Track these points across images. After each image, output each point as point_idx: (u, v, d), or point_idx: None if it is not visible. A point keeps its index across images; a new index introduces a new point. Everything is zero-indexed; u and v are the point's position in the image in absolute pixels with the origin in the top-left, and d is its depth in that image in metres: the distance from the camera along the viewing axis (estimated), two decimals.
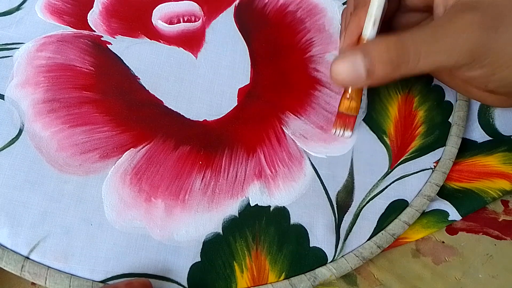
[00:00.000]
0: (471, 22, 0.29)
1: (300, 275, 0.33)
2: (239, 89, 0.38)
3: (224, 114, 0.37)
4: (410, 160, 0.38)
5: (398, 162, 0.38)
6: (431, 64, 0.30)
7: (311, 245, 0.34)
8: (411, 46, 0.30)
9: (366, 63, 0.30)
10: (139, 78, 0.36)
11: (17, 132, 0.32)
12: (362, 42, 0.33)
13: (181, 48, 0.38)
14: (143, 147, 0.34)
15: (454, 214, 0.37)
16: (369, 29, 0.33)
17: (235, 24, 0.41)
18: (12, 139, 0.32)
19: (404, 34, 0.30)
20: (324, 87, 0.40)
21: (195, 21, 0.40)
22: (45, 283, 0.29)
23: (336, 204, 0.36)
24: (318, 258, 0.34)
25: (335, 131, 0.37)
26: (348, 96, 0.35)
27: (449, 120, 0.41)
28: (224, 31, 0.40)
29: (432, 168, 0.39)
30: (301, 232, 0.34)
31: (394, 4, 0.37)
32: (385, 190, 0.37)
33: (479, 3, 0.30)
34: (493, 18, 0.29)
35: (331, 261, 0.34)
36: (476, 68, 0.30)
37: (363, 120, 0.39)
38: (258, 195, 0.34)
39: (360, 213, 0.36)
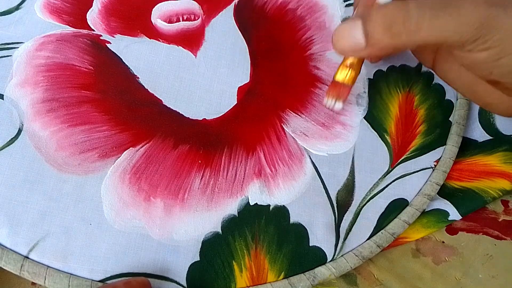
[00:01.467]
0: None
1: (299, 275, 0.33)
2: (239, 87, 0.38)
3: (223, 113, 0.37)
4: (410, 159, 0.38)
5: (399, 161, 0.38)
6: (435, 34, 0.28)
7: (310, 244, 0.34)
8: (414, 12, 0.28)
9: (365, 29, 0.29)
10: (138, 77, 0.36)
11: (16, 131, 0.32)
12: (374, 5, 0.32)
13: (181, 47, 0.38)
14: (142, 146, 0.34)
15: (454, 214, 0.37)
16: None
17: (234, 22, 0.41)
18: (11, 138, 0.32)
19: (409, 1, 0.29)
20: (325, 85, 0.40)
21: (194, 19, 0.40)
22: (45, 283, 0.29)
23: (336, 203, 0.36)
24: (318, 258, 0.34)
25: (327, 101, 0.35)
26: (347, 64, 0.34)
27: (450, 119, 0.41)
28: (224, 30, 0.40)
29: (432, 167, 0.39)
30: (300, 231, 0.34)
31: None
32: (386, 189, 0.37)
33: None
34: None
35: (330, 261, 0.34)
36: (481, 47, 0.28)
37: (364, 117, 0.39)
38: (257, 194, 0.34)
39: (360, 212, 0.36)
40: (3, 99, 0.33)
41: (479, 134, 0.42)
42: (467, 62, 0.31)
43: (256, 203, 0.34)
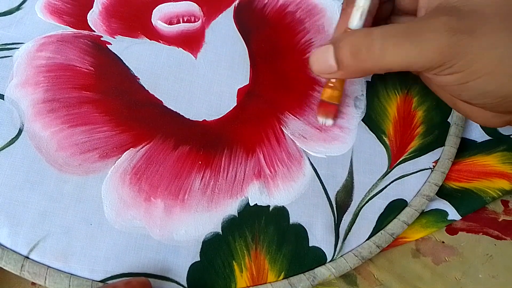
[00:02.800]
0: (444, 24, 0.28)
1: (299, 275, 0.33)
2: (239, 89, 0.38)
3: (223, 114, 0.37)
4: (409, 160, 0.39)
5: (397, 162, 0.38)
6: (399, 61, 0.29)
7: (310, 245, 0.34)
8: (378, 41, 0.29)
9: (336, 55, 0.31)
10: (138, 78, 0.36)
11: (17, 132, 0.32)
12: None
13: (181, 49, 0.38)
14: (143, 147, 0.34)
15: (453, 214, 0.37)
16: (355, 20, 0.33)
17: (234, 24, 0.41)
18: (12, 139, 0.32)
19: (375, 29, 0.30)
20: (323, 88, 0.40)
21: (194, 21, 0.40)
22: (45, 283, 0.29)
23: (336, 204, 0.36)
24: (317, 258, 0.34)
25: (318, 119, 0.38)
26: (331, 84, 0.36)
27: (448, 120, 0.41)
28: (224, 32, 0.40)
29: (431, 168, 0.39)
30: (300, 232, 0.34)
31: (389, 6, 0.37)
32: (384, 190, 0.37)
33: (462, 7, 0.29)
34: (472, 24, 0.28)
35: (330, 261, 0.34)
36: (446, 72, 0.29)
37: (362, 120, 0.39)
38: (257, 195, 0.34)
39: (360, 213, 0.36)
40: (3, 99, 0.33)
41: (478, 134, 0.42)
42: (437, 83, 0.32)
43: (256, 203, 0.34)
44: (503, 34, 0.28)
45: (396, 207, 0.37)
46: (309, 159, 0.36)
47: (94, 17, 0.38)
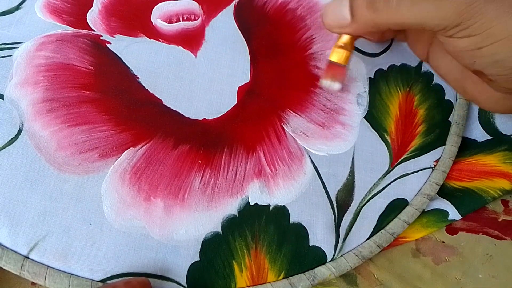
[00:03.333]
0: None
1: (299, 274, 0.33)
2: (239, 87, 0.38)
3: (223, 113, 0.37)
4: (410, 159, 0.38)
5: (399, 161, 0.38)
6: (415, 16, 0.29)
7: (310, 244, 0.34)
8: None
9: (351, 4, 0.31)
10: (138, 77, 0.36)
11: (17, 131, 0.32)
12: None
13: (181, 47, 0.38)
14: (142, 146, 0.34)
15: (454, 214, 0.37)
16: None
17: (234, 22, 0.41)
18: (12, 138, 0.32)
19: None
20: None
21: (194, 19, 0.40)
22: (45, 283, 0.29)
23: (336, 203, 0.36)
24: (318, 257, 0.34)
25: (323, 82, 0.36)
26: (342, 44, 0.35)
27: (449, 119, 0.41)
28: (224, 30, 0.40)
29: (432, 167, 0.39)
30: (300, 231, 0.34)
31: None
32: (385, 189, 0.37)
33: None
34: None
35: (330, 260, 0.34)
36: (462, 34, 0.29)
37: (364, 117, 0.39)
38: (257, 194, 0.34)
39: (360, 212, 0.36)
40: (3, 99, 0.33)
41: (479, 134, 0.42)
42: (451, 49, 0.31)
43: (256, 203, 0.34)
44: None
45: (397, 206, 0.37)
46: (310, 158, 0.36)
47: (93, 16, 0.37)
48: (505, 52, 0.28)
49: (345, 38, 0.35)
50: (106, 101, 0.34)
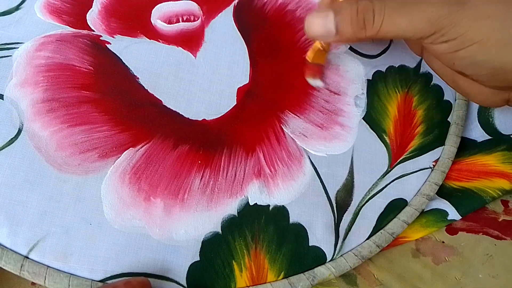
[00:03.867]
0: None
1: (299, 274, 0.33)
2: (238, 88, 0.38)
3: (223, 114, 0.37)
4: (409, 159, 0.38)
5: (398, 161, 0.38)
6: (394, 30, 0.31)
7: (310, 244, 0.34)
8: (376, 9, 0.31)
9: (335, 21, 0.32)
10: (138, 78, 0.36)
11: (16, 131, 0.32)
12: (338, 0, 0.34)
13: (180, 48, 0.38)
14: (142, 146, 0.34)
15: (453, 214, 0.37)
16: None
17: (234, 23, 0.41)
18: (11, 138, 0.32)
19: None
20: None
21: (194, 20, 0.40)
22: (45, 283, 0.29)
23: (336, 203, 0.36)
24: (317, 257, 0.34)
25: (309, 80, 0.39)
26: (320, 47, 0.37)
27: (448, 119, 0.41)
28: (223, 31, 0.40)
29: (431, 167, 0.39)
30: (300, 231, 0.34)
31: None
32: (385, 189, 0.37)
33: None
34: None
35: (330, 260, 0.34)
36: (439, 41, 0.31)
37: (362, 118, 0.39)
38: (257, 194, 0.34)
39: (360, 212, 0.36)
40: (3, 99, 0.33)
41: (478, 134, 0.42)
42: (432, 53, 0.33)
43: (256, 203, 0.34)
44: (494, 6, 0.29)
45: (396, 206, 0.37)
46: (309, 158, 0.36)
47: (93, 16, 0.38)
48: (481, 54, 0.30)
49: (323, 42, 0.37)
50: (106, 101, 0.34)
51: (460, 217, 0.37)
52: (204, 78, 0.38)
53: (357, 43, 0.42)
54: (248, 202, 0.34)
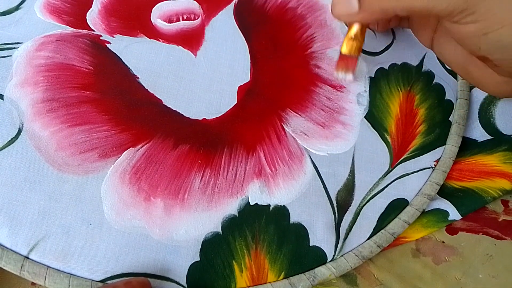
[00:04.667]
0: None
1: (299, 275, 0.33)
2: (239, 87, 0.38)
3: (223, 113, 0.37)
4: (410, 159, 0.38)
5: (399, 161, 0.38)
6: (423, 1, 0.30)
7: (310, 244, 0.34)
8: None
9: None
10: (138, 77, 0.36)
11: (16, 131, 0.32)
12: None
13: (181, 47, 0.38)
14: (142, 146, 0.34)
15: (454, 214, 0.37)
16: None
17: (234, 21, 0.41)
18: (12, 138, 0.32)
19: None
20: (325, 84, 0.40)
21: (194, 19, 0.40)
22: (45, 283, 0.29)
23: (336, 203, 0.36)
24: (318, 257, 0.34)
25: (337, 74, 0.38)
26: (351, 36, 0.36)
27: (450, 119, 0.41)
28: (224, 29, 0.40)
29: (432, 167, 0.39)
30: (300, 231, 0.34)
31: None
32: (386, 189, 0.37)
33: None
34: None
35: (330, 260, 0.34)
36: (468, 19, 0.30)
37: (364, 117, 0.39)
38: (257, 194, 0.34)
39: (360, 212, 0.36)
40: (3, 99, 0.33)
41: (479, 133, 0.42)
42: (457, 35, 0.32)
43: (256, 203, 0.34)
44: None
45: (397, 206, 0.37)
46: (310, 157, 0.36)
47: (93, 16, 0.37)
48: (511, 38, 0.29)
49: (355, 30, 0.36)
50: (106, 101, 0.34)
51: (461, 217, 0.37)
52: (205, 77, 0.38)
53: (383, 20, 0.41)
54: (248, 202, 0.34)
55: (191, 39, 0.39)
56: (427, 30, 0.38)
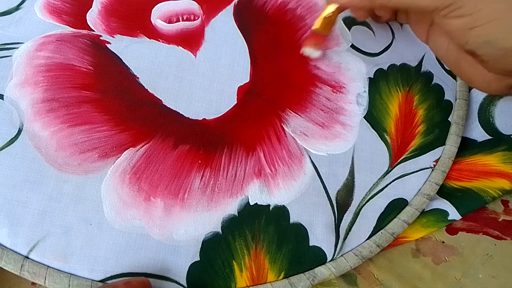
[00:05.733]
0: None
1: (299, 274, 0.33)
2: (239, 87, 0.38)
3: (223, 113, 0.37)
4: (410, 159, 0.38)
5: (398, 161, 0.38)
6: None
7: (310, 244, 0.34)
8: None
9: None
10: (138, 77, 0.36)
11: (17, 131, 0.32)
12: None
13: (180, 47, 0.38)
14: (142, 146, 0.34)
15: (453, 214, 0.37)
16: None
17: (234, 22, 0.41)
18: (12, 138, 0.32)
19: None
20: (325, 84, 0.40)
21: (194, 19, 0.40)
22: (45, 283, 0.29)
23: (336, 203, 0.36)
24: (318, 257, 0.34)
25: (304, 50, 0.40)
26: (326, 15, 0.38)
27: (449, 119, 0.41)
28: (224, 30, 0.40)
29: (431, 167, 0.39)
30: (300, 231, 0.34)
31: None
32: (385, 189, 0.37)
33: None
34: None
35: (330, 260, 0.34)
36: (454, 14, 0.31)
37: (364, 117, 0.39)
38: (257, 194, 0.34)
39: (360, 212, 0.36)
40: (3, 99, 0.33)
41: (479, 133, 0.42)
42: (446, 29, 0.33)
43: (256, 203, 0.34)
44: None
45: (396, 206, 0.37)
46: (310, 157, 0.36)
47: (93, 16, 0.37)
48: (496, 33, 0.30)
49: (331, 10, 0.38)
50: (106, 101, 0.34)
51: (460, 217, 0.37)
52: (205, 78, 0.38)
53: (366, 10, 0.42)
54: (248, 201, 0.34)
55: (191, 40, 0.39)
56: (424, 25, 0.38)
